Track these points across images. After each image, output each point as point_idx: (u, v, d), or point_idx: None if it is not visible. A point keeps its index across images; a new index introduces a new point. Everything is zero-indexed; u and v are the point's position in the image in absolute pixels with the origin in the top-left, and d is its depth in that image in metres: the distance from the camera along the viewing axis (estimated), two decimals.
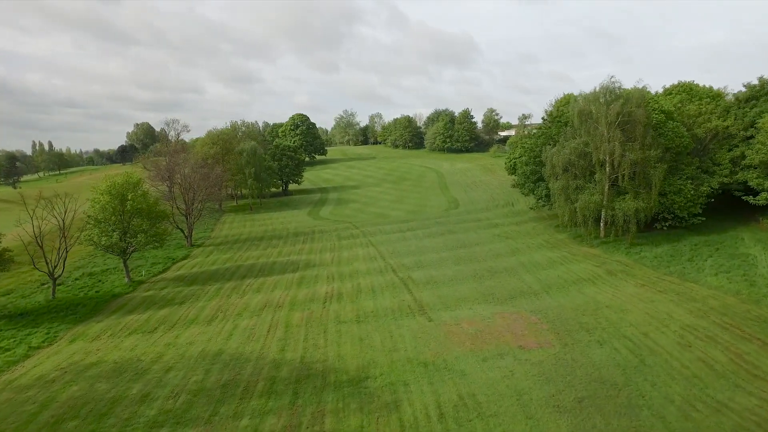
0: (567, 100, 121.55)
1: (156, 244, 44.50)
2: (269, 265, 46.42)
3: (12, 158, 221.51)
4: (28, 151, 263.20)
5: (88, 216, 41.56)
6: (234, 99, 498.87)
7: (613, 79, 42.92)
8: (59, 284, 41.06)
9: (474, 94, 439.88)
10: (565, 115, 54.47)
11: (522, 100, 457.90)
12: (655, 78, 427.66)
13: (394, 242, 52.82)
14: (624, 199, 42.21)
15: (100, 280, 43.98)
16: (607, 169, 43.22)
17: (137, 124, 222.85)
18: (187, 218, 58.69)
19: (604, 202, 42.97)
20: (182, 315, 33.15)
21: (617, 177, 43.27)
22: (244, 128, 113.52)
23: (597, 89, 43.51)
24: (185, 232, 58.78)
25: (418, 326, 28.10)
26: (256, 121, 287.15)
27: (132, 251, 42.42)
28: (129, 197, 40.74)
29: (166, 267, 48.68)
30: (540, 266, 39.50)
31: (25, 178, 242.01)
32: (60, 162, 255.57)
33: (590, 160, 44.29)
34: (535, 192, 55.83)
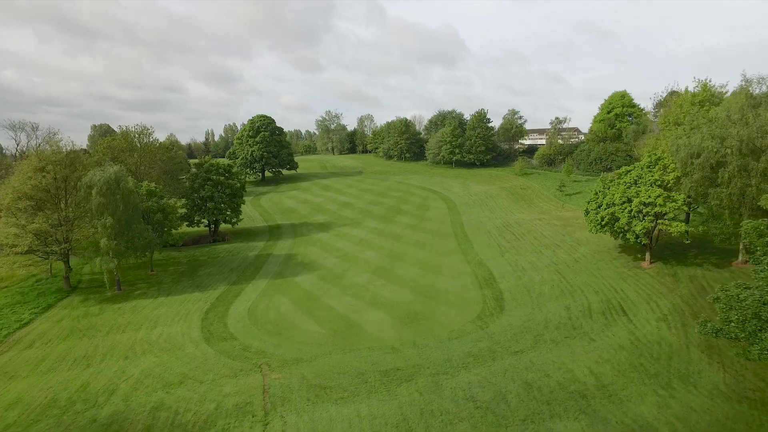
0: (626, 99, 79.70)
1: None
2: None
3: None
4: None
5: None
6: (217, 98, 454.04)
7: None
8: None
9: (464, 94, 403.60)
10: None
11: (514, 101, 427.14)
12: (655, 81, 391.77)
13: None
14: None
15: None
16: None
17: (94, 126, 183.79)
18: None
19: None
20: None
21: None
22: (151, 139, 72.74)
23: None
24: None
25: None
26: (234, 123, 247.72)
27: None
28: None
29: None
30: None
31: None
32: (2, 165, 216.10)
33: None
34: None
